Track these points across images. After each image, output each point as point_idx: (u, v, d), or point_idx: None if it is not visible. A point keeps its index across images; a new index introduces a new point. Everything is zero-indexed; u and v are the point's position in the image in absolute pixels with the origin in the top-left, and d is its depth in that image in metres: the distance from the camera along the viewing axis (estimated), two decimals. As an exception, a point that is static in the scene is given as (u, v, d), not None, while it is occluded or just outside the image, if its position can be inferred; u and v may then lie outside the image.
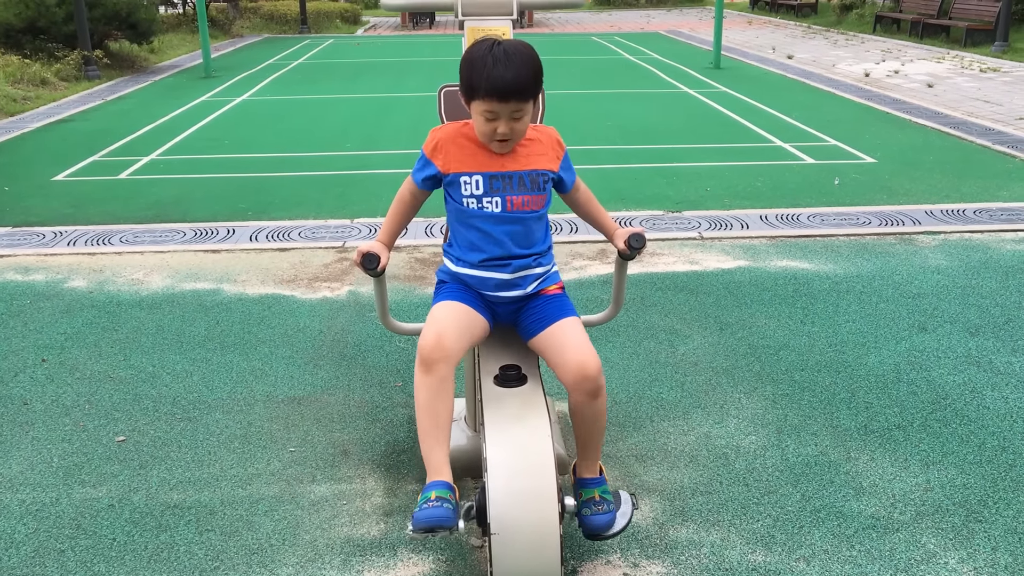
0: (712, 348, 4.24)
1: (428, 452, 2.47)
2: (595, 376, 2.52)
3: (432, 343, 2.48)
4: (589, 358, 2.52)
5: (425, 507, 2.34)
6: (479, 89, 2.48)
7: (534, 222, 2.66)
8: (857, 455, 3.33)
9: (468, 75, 2.52)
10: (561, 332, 2.60)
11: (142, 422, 3.63)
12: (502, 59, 2.47)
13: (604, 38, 20.92)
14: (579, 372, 2.51)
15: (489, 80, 2.46)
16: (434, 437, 2.47)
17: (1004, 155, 8.18)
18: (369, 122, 10.32)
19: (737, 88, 12.48)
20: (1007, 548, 2.82)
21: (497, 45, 2.51)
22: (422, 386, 2.48)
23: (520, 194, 2.61)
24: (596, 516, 2.62)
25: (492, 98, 2.48)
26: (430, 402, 2.47)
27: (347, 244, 5.81)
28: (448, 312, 2.60)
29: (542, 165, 2.65)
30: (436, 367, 2.46)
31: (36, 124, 10.10)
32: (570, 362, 2.52)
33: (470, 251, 2.65)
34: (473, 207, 2.60)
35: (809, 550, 2.82)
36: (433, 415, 2.47)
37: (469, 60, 2.53)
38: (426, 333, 2.52)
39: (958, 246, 5.66)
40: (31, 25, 13.74)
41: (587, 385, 2.52)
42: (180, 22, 21.68)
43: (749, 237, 5.89)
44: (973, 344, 4.25)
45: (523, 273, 2.66)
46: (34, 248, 5.77)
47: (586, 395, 2.54)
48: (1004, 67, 14.35)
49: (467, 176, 2.60)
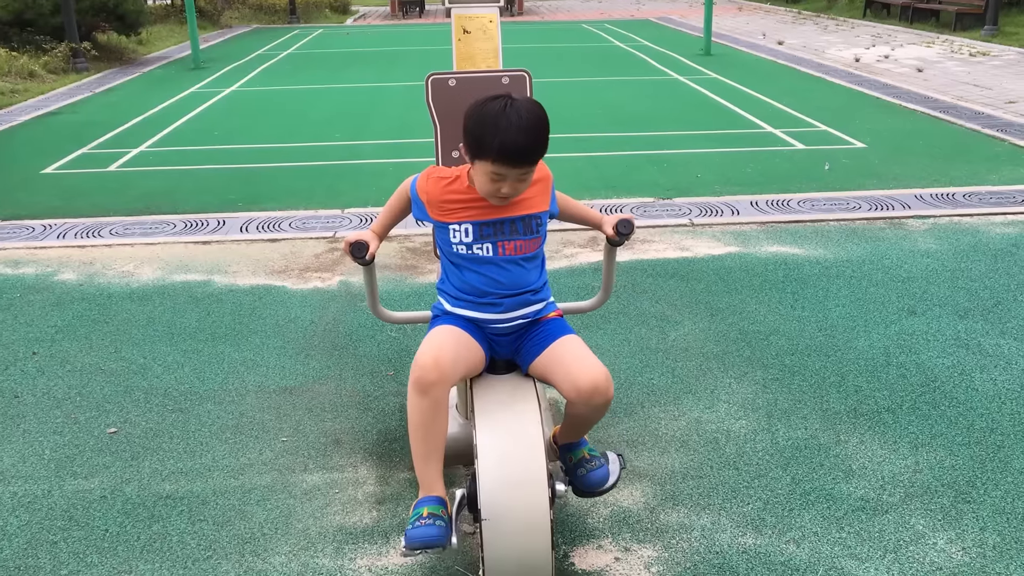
0: (703, 334, 4.26)
1: (421, 469, 2.46)
2: (606, 389, 2.44)
3: (429, 363, 2.39)
4: (599, 373, 2.44)
5: (418, 525, 2.35)
6: (490, 151, 2.36)
7: (528, 263, 2.59)
8: (847, 438, 3.35)
9: (479, 133, 2.38)
10: (564, 349, 2.53)
11: (133, 413, 3.63)
12: (515, 123, 2.34)
13: (594, 25, 20.88)
14: (591, 387, 2.42)
15: (502, 145, 2.34)
16: (427, 456, 2.44)
17: (993, 139, 8.20)
18: (359, 112, 10.29)
19: (727, 74, 12.47)
20: (995, 528, 2.84)
21: (511, 105, 2.37)
22: (416, 409, 2.41)
23: (512, 239, 2.53)
24: (592, 472, 2.64)
25: (503, 163, 2.37)
26: (424, 425, 2.42)
27: (338, 234, 5.80)
28: (446, 335, 2.52)
29: (535, 208, 2.57)
30: (432, 390, 2.38)
31: (24, 117, 10.05)
32: (580, 379, 2.43)
33: (463, 291, 2.58)
34: (463, 252, 2.54)
35: (799, 532, 2.84)
36: (426, 437, 2.43)
37: (480, 117, 2.39)
38: (423, 354, 2.42)
39: (948, 230, 5.68)
40: (18, 17, 13.66)
41: (598, 399, 2.44)
42: (168, 13, 21.55)
43: (739, 223, 5.90)
44: (962, 327, 4.27)
45: (517, 312, 2.59)
46: (23, 241, 5.76)
47: (595, 408, 2.48)
48: (993, 51, 14.36)
49: (456, 225, 2.53)
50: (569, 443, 2.71)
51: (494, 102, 2.39)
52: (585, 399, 2.45)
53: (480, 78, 3.19)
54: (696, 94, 11.06)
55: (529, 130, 2.37)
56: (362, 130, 9.25)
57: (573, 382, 2.45)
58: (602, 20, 22.51)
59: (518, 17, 24.55)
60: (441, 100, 3.17)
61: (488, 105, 2.39)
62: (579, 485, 2.67)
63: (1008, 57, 13.68)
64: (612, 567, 2.70)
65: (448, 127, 3.18)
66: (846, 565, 2.68)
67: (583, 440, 2.73)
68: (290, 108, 10.58)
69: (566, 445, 2.72)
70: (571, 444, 2.71)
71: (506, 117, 2.35)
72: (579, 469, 2.66)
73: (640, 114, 9.78)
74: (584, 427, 2.65)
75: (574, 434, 2.69)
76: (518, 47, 16.36)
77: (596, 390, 2.43)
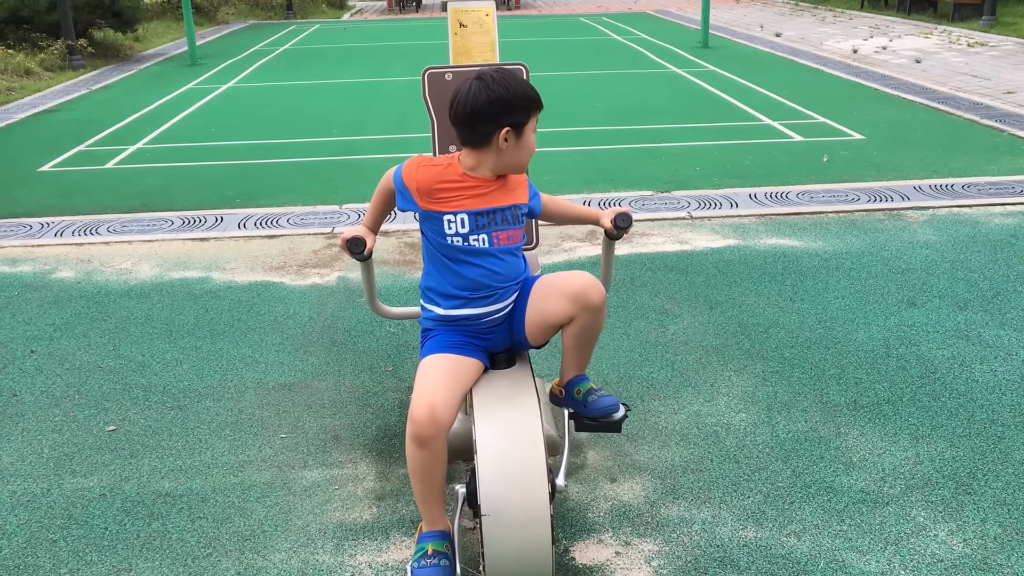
0: (702, 327, 4.25)
1: (423, 507, 2.45)
2: (595, 285, 2.55)
3: (425, 418, 2.33)
4: (585, 276, 2.57)
5: (424, 565, 2.35)
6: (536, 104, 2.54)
7: (516, 253, 2.64)
8: (847, 430, 3.35)
9: (513, 96, 2.48)
10: (542, 284, 2.64)
11: (132, 411, 3.62)
12: (517, 76, 2.57)
13: (592, 19, 20.84)
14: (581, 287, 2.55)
15: (533, 93, 2.54)
16: (427, 496, 2.43)
17: (992, 129, 8.18)
18: (356, 107, 10.27)
19: (725, 67, 12.45)
20: (996, 519, 2.84)
21: (493, 73, 2.53)
22: (415, 459, 2.36)
23: (504, 229, 2.56)
24: (603, 398, 2.68)
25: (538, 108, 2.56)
26: (424, 472, 2.39)
27: (336, 230, 5.79)
28: (439, 372, 2.46)
29: (517, 199, 2.61)
30: (431, 442, 2.34)
31: (21, 115, 10.03)
32: (568, 286, 2.56)
33: (457, 287, 2.55)
34: (458, 244, 2.52)
35: (800, 525, 2.83)
36: (426, 481, 2.40)
37: (510, 85, 2.50)
38: (417, 404, 2.35)
39: (947, 221, 5.67)
40: (14, 15, 13.62)
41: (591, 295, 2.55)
42: (164, 10, 21.48)
43: (738, 216, 5.89)
44: (962, 318, 4.26)
45: (509, 300, 2.61)
46: (21, 239, 5.74)
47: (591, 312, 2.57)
48: (991, 41, 14.34)
49: (451, 215, 2.50)
50: (572, 379, 2.74)
51: (482, 78, 2.49)
52: (578, 300, 2.55)
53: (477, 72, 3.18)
54: (694, 87, 11.04)
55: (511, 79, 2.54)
56: (359, 125, 9.24)
57: (563, 292, 2.57)
58: (599, 13, 22.46)
59: (515, 11, 24.49)
60: (438, 94, 3.16)
61: (490, 78, 2.49)
62: (590, 412, 2.70)
63: (1006, 47, 13.65)
64: (613, 561, 2.70)
65: (445, 121, 3.17)
66: (847, 557, 2.68)
67: (585, 376, 2.76)
68: (287, 104, 10.56)
69: (571, 381, 2.75)
70: (575, 379, 2.74)
71: (511, 75, 2.52)
72: (589, 397, 2.70)
73: (638, 107, 9.76)
74: (584, 343, 2.68)
75: (577, 359, 2.72)
76: (515, 41, 16.33)
77: (586, 286, 2.55)
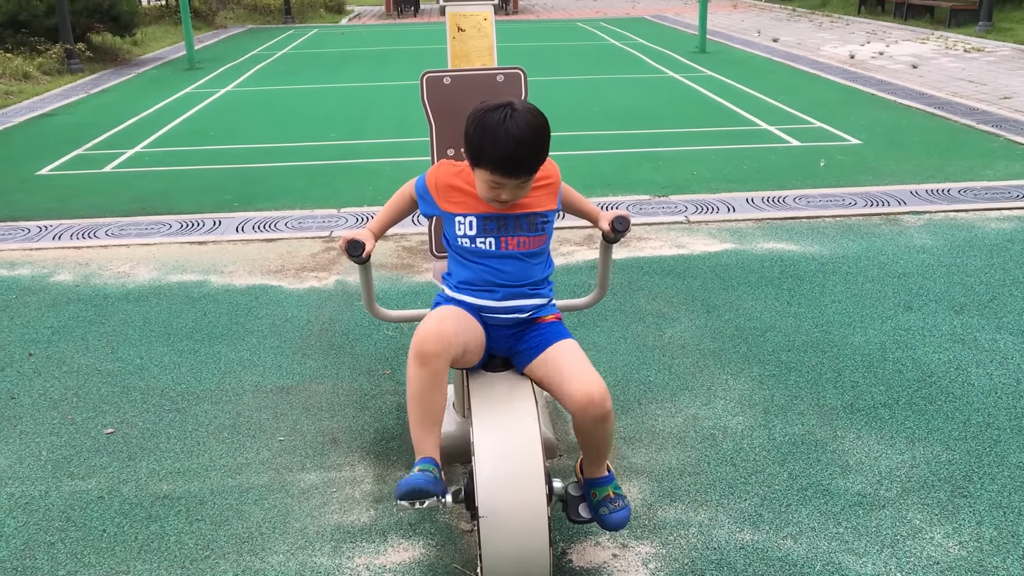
0: (699, 331, 4.26)
1: (417, 436, 2.46)
2: (601, 402, 2.39)
3: (432, 334, 2.39)
4: (593, 385, 2.40)
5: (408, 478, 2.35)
6: (487, 160, 2.39)
7: (532, 259, 2.60)
8: (843, 433, 3.36)
9: (478, 140, 2.40)
10: (559, 356, 2.51)
11: (130, 414, 3.62)
12: (515, 135, 2.36)
13: (589, 24, 20.87)
14: (585, 399, 2.39)
15: (500, 157, 2.37)
16: (425, 426, 2.44)
17: (988, 134, 8.21)
18: (354, 111, 10.28)
19: (723, 72, 12.47)
20: (992, 522, 2.84)
21: (511, 116, 2.38)
22: (416, 379, 2.41)
23: (516, 235, 2.55)
24: (615, 513, 2.57)
25: (500, 174, 2.40)
26: (422, 394, 2.42)
27: (334, 234, 5.80)
28: (448, 312, 2.54)
29: (541, 207, 2.58)
30: (432, 361, 2.38)
31: (19, 118, 10.03)
32: (575, 392, 2.41)
33: (464, 281, 2.62)
34: (466, 244, 2.58)
35: (796, 528, 2.84)
36: (424, 406, 2.43)
37: (481, 126, 2.40)
38: (425, 324, 2.44)
39: (943, 225, 5.69)
40: (12, 19, 13.62)
41: (593, 411, 2.40)
42: (163, 14, 21.51)
43: (735, 220, 5.90)
44: (958, 322, 4.28)
45: (512, 302, 2.60)
46: (19, 243, 5.75)
47: (593, 421, 2.44)
48: (988, 47, 14.38)
49: (461, 217, 2.57)
50: (594, 478, 2.62)
51: (495, 112, 2.40)
52: (580, 410, 2.42)
53: (475, 76, 3.19)
54: (691, 92, 11.06)
55: (528, 142, 2.38)
56: (358, 129, 9.25)
57: (569, 394, 2.43)
58: (597, 18, 22.50)
59: (513, 15, 24.53)
60: (436, 98, 3.17)
61: (488, 116, 2.41)
62: (599, 524, 2.62)
63: (1002, 53, 13.69)
64: (610, 564, 2.71)
65: (443, 125, 3.19)
66: (843, 560, 2.69)
67: (610, 476, 2.64)
68: (285, 108, 10.57)
69: (591, 480, 2.63)
70: (597, 480, 2.62)
71: (505, 128, 2.37)
72: (601, 508, 2.59)
73: (636, 112, 9.78)
74: (595, 448, 2.55)
75: (594, 460, 2.59)
76: (513, 45, 16.35)
77: (591, 402, 2.39)
